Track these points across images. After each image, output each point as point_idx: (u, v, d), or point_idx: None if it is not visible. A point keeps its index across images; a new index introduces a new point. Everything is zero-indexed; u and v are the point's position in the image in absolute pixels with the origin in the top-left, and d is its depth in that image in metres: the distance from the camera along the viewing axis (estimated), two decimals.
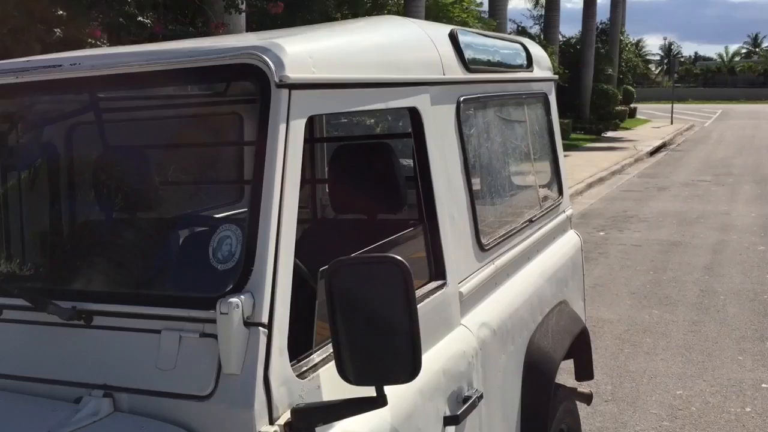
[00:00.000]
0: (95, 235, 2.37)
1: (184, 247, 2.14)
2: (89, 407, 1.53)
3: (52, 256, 2.52)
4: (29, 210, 2.68)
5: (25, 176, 2.79)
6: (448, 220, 2.30)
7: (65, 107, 2.73)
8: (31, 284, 1.85)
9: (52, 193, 2.70)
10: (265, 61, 1.65)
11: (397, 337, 1.45)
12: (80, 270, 2.04)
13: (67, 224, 2.82)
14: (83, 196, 2.90)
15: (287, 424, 1.49)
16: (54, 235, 2.56)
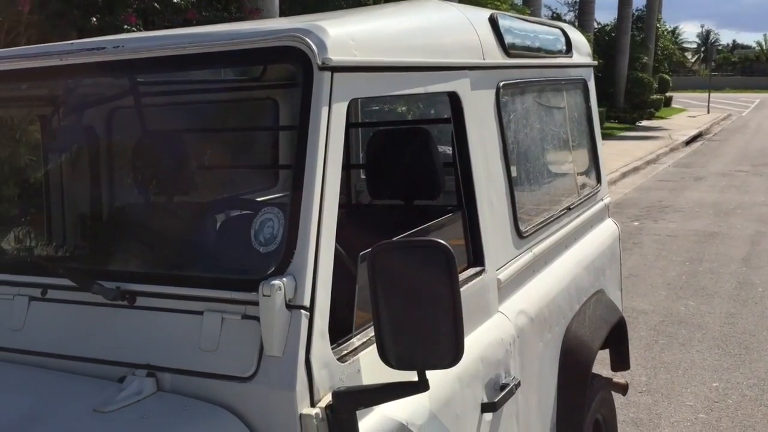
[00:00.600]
0: (136, 217, 2.39)
1: (226, 230, 2.15)
2: (133, 386, 1.55)
3: (93, 238, 2.55)
4: (70, 192, 2.71)
5: (66, 159, 2.83)
6: (487, 207, 2.28)
7: (106, 91, 2.75)
8: (75, 265, 1.87)
9: (92, 175, 2.73)
10: (308, 43, 1.64)
11: (440, 322, 1.43)
12: (122, 251, 2.06)
13: (106, 207, 2.85)
14: (122, 180, 2.93)
15: (328, 407, 1.49)
16: (95, 218, 2.59)
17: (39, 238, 2.67)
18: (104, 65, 1.94)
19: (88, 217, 2.65)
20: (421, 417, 1.77)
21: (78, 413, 1.48)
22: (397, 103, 5.99)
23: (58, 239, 2.60)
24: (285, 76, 3.81)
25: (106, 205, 2.81)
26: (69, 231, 2.66)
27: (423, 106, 6.06)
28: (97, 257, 2.16)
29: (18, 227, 3.04)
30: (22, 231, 2.92)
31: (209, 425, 1.46)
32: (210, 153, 3.61)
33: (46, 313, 1.75)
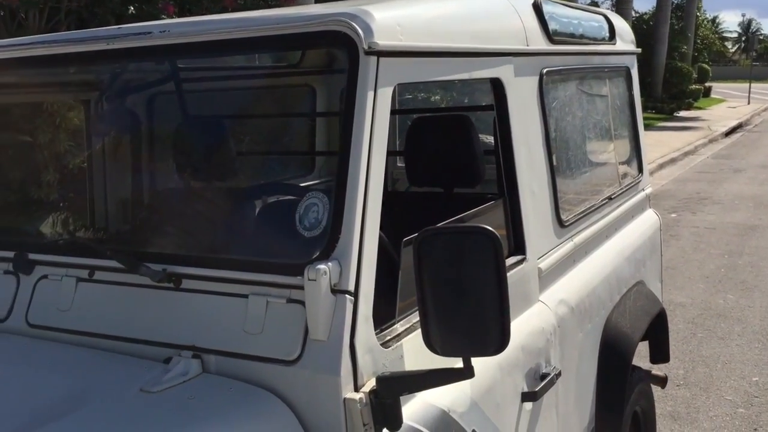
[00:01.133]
0: (179, 201, 2.41)
1: (268, 215, 2.16)
2: (179, 367, 1.57)
3: (138, 221, 2.59)
4: (112, 176, 2.75)
5: (109, 143, 2.87)
6: (529, 195, 2.26)
7: (149, 76, 2.78)
8: (121, 247, 1.89)
9: (134, 160, 2.76)
10: (354, 27, 1.63)
11: (487, 308, 1.42)
12: (166, 235, 2.08)
13: (149, 191, 2.89)
14: (163, 164, 2.96)
15: (372, 392, 1.49)
16: (137, 201, 2.63)
17: (82, 222, 2.72)
18: (150, 50, 1.95)
19: (130, 201, 2.69)
20: (463, 404, 1.76)
21: (125, 392, 1.50)
22: (431, 92, 5.96)
23: (101, 222, 2.64)
24: (323, 62, 3.82)
25: (148, 189, 2.84)
26: (111, 214, 2.70)
27: (457, 94, 6.01)
28: (142, 240, 2.19)
29: (58, 212, 3.10)
30: (63, 215, 2.97)
31: (254, 407, 1.47)
32: (248, 139, 3.63)
33: (93, 294, 1.77)
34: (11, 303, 1.84)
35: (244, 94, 3.33)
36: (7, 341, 1.77)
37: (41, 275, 1.83)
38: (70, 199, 2.97)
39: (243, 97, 3.33)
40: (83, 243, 1.84)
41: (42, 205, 3.88)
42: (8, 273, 1.87)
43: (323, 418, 1.49)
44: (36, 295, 1.82)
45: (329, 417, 1.48)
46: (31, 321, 1.81)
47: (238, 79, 3.22)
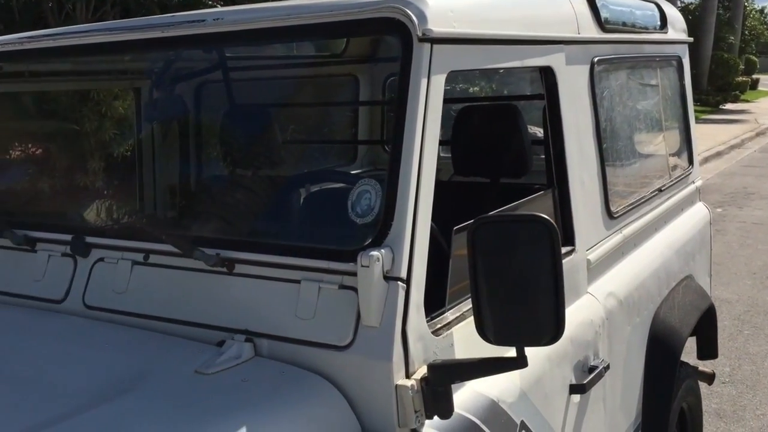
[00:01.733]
0: (231, 188, 2.44)
1: (321, 201, 2.17)
2: (232, 350, 1.59)
3: (190, 206, 2.62)
4: (161, 162, 2.79)
5: (159, 130, 2.91)
6: (579, 186, 2.23)
7: (199, 64, 2.81)
8: (175, 232, 1.93)
9: (184, 146, 2.80)
10: (408, 14, 1.62)
11: (542, 298, 1.41)
12: (219, 220, 2.11)
13: (199, 177, 2.93)
14: (211, 151, 3.00)
15: (423, 379, 1.49)
16: (189, 187, 2.66)
17: (134, 207, 2.77)
18: (203, 37, 1.97)
19: (181, 187, 2.73)
20: (512, 395, 1.76)
21: (181, 373, 1.52)
22: (470, 83, 5.91)
23: (154, 208, 2.68)
24: (367, 51, 3.82)
25: (200, 175, 2.88)
26: (162, 200, 2.75)
27: (496, 86, 5.94)
28: (195, 225, 2.22)
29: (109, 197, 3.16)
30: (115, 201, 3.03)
31: (306, 391, 1.49)
32: (291, 128, 3.66)
33: (147, 277, 1.80)
34: (69, 285, 1.89)
35: (289, 83, 3.35)
36: (66, 322, 1.81)
37: (98, 258, 1.87)
38: (119, 186, 3.03)
39: (288, 87, 3.35)
40: (139, 227, 1.87)
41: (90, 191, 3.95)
42: (66, 255, 1.92)
43: (374, 404, 1.49)
44: (93, 277, 1.86)
45: (380, 403, 1.48)
46: (88, 302, 1.85)
47: (283, 68, 3.24)
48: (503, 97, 4.07)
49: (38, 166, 7.39)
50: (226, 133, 2.77)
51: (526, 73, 4.28)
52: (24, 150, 8.23)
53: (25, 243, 1.97)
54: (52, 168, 7.10)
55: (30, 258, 1.98)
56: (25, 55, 2.30)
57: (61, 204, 2.67)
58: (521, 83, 4.51)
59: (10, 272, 2.00)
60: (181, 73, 2.75)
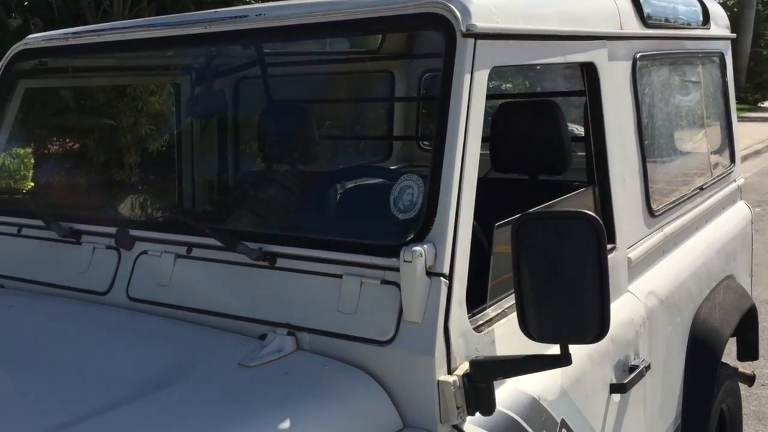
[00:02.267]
0: (272, 183, 2.46)
1: (362, 196, 2.17)
2: (274, 344, 1.60)
3: (232, 201, 2.65)
4: (201, 157, 2.83)
5: (198, 125, 2.94)
6: (620, 183, 2.21)
7: (238, 60, 2.83)
8: (218, 226, 1.94)
9: (223, 142, 2.83)
10: (451, 9, 1.62)
11: (587, 295, 1.40)
12: (260, 214, 2.13)
13: (236, 171, 2.96)
14: (250, 146, 3.03)
15: (465, 375, 1.49)
16: (230, 182, 2.69)
17: (176, 201, 2.80)
18: (246, 33, 1.99)
19: (221, 181, 2.75)
20: (553, 393, 1.74)
21: (225, 366, 1.54)
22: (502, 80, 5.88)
23: (190, 202, 2.71)
24: (403, 47, 3.82)
25: (237, 169, 2.91)
26: (201, 194, 2.78)
27: (529, 83, 5.89)
28: (236, 219, 2.24)
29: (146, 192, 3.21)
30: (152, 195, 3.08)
31: (349, 386, 1.49)
32: (328, 124, 3.67)
33: (190, 270, 1.82)
34: (113, 277, 1.92)
35: (326, 79, 3.36)
36: (110, 313, 1.84)
37: (141, 251, 1.90)
38: (160, 180, 3.07)
39: (325, 83, 3.36)
40: (182, 221, 1.89)
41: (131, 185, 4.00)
42: (110, 248, 1.95)
43: (416, 400, 1.49)
44: (136, 270, 1.89)
45: (422, 398, 1.48)
46: (131, 295, 1.87)
47: (320, 64, 3.26)
48: (543, 93, 4.03)
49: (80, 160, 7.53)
50: (264, 129, 2.79)
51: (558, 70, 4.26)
52: (66, 144, 8.38)
53: (70, 235, 2.01)
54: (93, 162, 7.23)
55: (75, 250, 2.01)
56: (69, 51, 2.34)
57: (104, 197, 2.71)
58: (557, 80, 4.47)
59: (55, 264, 2.04)
60: (222, 69, 2.78)
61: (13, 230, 2.16)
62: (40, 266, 2.06)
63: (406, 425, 1.50)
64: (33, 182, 5.48)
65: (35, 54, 2.37)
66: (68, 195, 2.93)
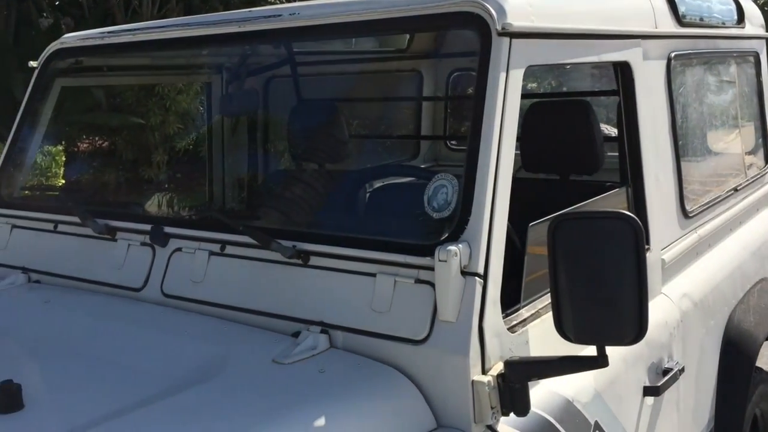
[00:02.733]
0: (305, 181, 2.47)
1: (395, 195, 2.17)
2: (308, 341, 1.60)
3: (264, 199, 2.66)
4: (235, 155, 2.85)
5: (229, 124, 2.97)
6: (654, 183, 2.19)
7: (269, 59, 2.85)
8: (251, 224, 1.96)
9: (255, 140, 2.85)
10: (487, 9, 1.62)
11: (625, 297, 1.39)
12: (293, 212, 2.14)
13: (269, 169, 2.97)
14: (282, 144, 3.04)
15: (500, 376, 1.48)
16: (263, 180, 2.70)
17: (206, 199, 2.82)
18: (280, 32, 2.00)
19: (254, 179, 2.77)
20: (586, 395, 1.73)
21: (259, 362, 1.55)
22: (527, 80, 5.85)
23: (223, 200, 2.73)
24: (431, 46, 3.82)
25: (270, 167, 2.93)
26: (233, 192, 2.80)
27: (555, 83, 5.86)
28: (269, 217, 2.25)
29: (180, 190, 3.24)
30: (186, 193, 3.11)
31: (383, 384, 1.49)
32: (356, 122, 3.68)
33: (224, 267, 1.84)
34: (147, 273, 1.94)
35: (355, 78, 3.37)
36: (145, 309, 1.86)
37: (175, 248, 1.92)
38: (193, 178, 3.10)
39: (353, 82, 3.37)
40: (216, 218, 1.90)
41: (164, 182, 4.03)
42: (145, 245, 1.97)
43: (450, 399, 1.49)
44: (170, 266, 1.91)
45: (456, 398, 1.48)
46: (166, 291, 1.89)
47: (348, 63, 3.26)
48: (574, 93, 4.01)
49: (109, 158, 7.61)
50: (294, 128, 2.80)
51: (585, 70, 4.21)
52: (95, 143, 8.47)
53: (106, 232, 2.03)
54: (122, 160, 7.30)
55: (110, 247, 2.04)
56: (105, 50, 2.37)
57: (137, 194, 2.75)
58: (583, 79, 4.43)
59: (91, 260, 2.07)
60: (254, 68, 2.79)
61: (50, 226, 2.19)
62: (76, 262, 2.09)
63: (440, 425, 1.50)
64: (64, 179, 5.57)
65: (71, 53, 2.40)
66: (101, 192, 2.97)
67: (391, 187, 2.30)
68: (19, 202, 2.36)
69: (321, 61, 3.30)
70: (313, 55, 3.22)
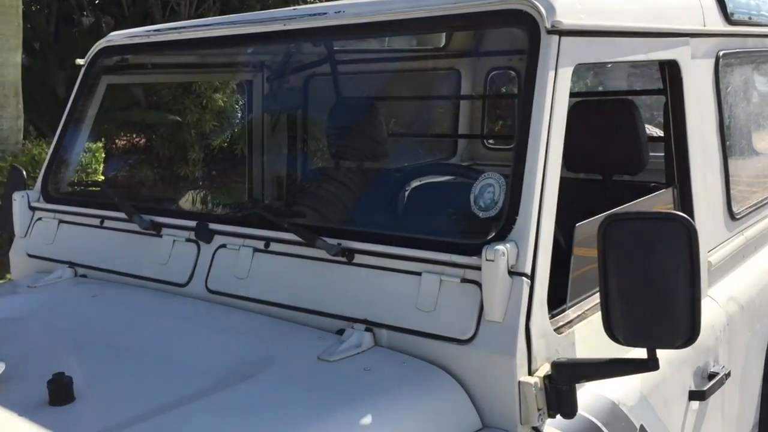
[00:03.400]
0: (348, 180, 2.47)
1: (440, 194, 2.17)
2: (352, 339, 1.61)
3: (308, 197, 2.67)
4: (277, 152, 2.86)
5: (275, 121, 2.99)
6: (701, 184, 2.15)
7: (311, 57, 2.86)
8: (295, 221, 1.96)
9: (297, 137, 2.86)
10: (536, 6, 1.60)
11: (677, 299, 1.36)
12: (338, 211, 2.14)
13: (302, 167, 2.99)
14: (318, 142, 3.05)
15: (547, 377, 1.47)
16: (306, 178, 2.71)
17: (250, 196, 2.84)
18: (325, 30, 2.00)
19: (291, 177, 2.78)
20: (632, 398, 1.71)
21: (304, 359, 1.55)
22: None
23: (268, 198, 2.75)
24: (469, 44, 3.80)
25: (303, 166, 2.94)
26: (276, 190, 2.82)
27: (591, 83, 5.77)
28: (313, 215, 2.26)
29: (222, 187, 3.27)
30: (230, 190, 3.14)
31: (428, 383, 1.49)
32: (393, 121, 3.68)
33: (268, 264, 1.85)
34: (192, 269, 1.96)
35: (394, 77, 3.37)
36: (190, 305, 1.88)
37: (220, 244, 1.93)
38: (238, 175, 3.13)
39: (392, 80, 3.37)
40: (261, 216, 1.91)
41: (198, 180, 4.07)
42: (189, 241, 1.99)
43: (496, 400, 1.48)
44: (215, 263, 1.92)
45: (503, 399, 1.47)
46: (210, 287, 1.91)
47: (387, 61, 3.26)
48: (619, 92, 3.95)
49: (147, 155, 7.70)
50: (334, 126, 2.81)
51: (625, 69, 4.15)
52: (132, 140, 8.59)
53: (151, 228, 2.06)
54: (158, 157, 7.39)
55: (155, 242, 2.06)
56: (151, 48, 2.40)
57: (180, 191, 2.78)
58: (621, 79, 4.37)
59: (136, 255, 2.10)
60: (295, 66, 2.81)
61: (96, 222, 2.22)
62: (122, 257, 2.12)
63: (485, 425, 1.49)
64: (103, 176, 5.65)
65: (118, 51, 2.44)
66: (143, 189, 3.01)
67: (432, 185, 2.30)
68: (65, 197, 2.40)
69: (360, 59, 3.30)
70: (351, 54, 3.23)
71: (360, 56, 3.29)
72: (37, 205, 2.38)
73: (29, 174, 2.50)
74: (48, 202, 2.38)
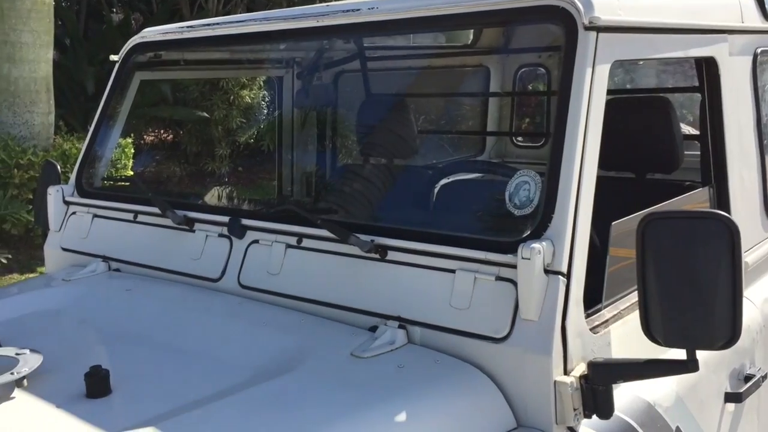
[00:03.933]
0: (382, 175, 2.47)
1: (474, 191, 2.16)
2: (385, 336, 1.60)
3: (340, 193, 2.68)
4: (308, 149, 2.87)
5: (300, 118, 2.99)
6: (738, 183, 2.12)
7: (341, 53, 2.86)
8: (328, 217, 1.96)
9: (327, 134, 2.86)
10: (573, 2, 1.59)
11: (718, 300, 1.34)
12: (371, 207, 2.14)
13: (333, 164, 2.99)
14: (348, 139, 3.05)
15: (583, 377, 1.45)
16: (338, 174, 2.72)
17: (284, 192, 2.85)
18: (358, 27, 2.00)
19: (321, 173, 2.79)
20: (668, 399, 1.69)
21: (337, 356, 1.55)
22: None
23: (299, 194, 2.76)
24: (500, 42, 3.77)
25: (333, 162, 2.94)
26: (299, 186, 2.82)
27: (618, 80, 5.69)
28: (346, 211, 2.26)
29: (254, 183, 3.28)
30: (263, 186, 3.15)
31: (463, 382, 1.48)
32: (422, 118, 3.67)
33: (300, 260, 1.85)
34: (225, 264, 1.97)
35: (422, 73, 3.36)
36: (223, 300, 1.89)
37: (252, 240, 1.94)
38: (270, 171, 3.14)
39: (421, 77, 3.36)
40: (294, 212, 1.92)
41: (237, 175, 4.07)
42: (222, 236, 2.00)
43: (531, 399, 1.47)
44: (247, 258, 1.93)
45: (538, 399, 1.46)
46: (243, 282, 1.92)
47: (417, 58, 3.25)
48: (654, 89, 3.91)
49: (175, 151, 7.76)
50: (364, 122, 2.81)
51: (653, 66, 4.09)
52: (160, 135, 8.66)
53: (184, 223, 2.07)
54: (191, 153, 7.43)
55: (189, 237, 2.07)
56: (185, 44, 2.41)
57: (211, 186, 2.79)
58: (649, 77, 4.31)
59: (169, 250, 2.11)
60: (326, 62, 2.81)
61: (129, 217, 2.25)
62: (155, 252, 2.14)
63: (520, 425, 1.48)
64: (132, 171, 5.72)
65: (151, 47, 2.46)
66: (173, 184, 3.04)
67: (463, 183, 2.28)
68: (99, 192, 2.42)
69: (390, 55, 3.29)
70: (381, 50, 3.22)
71: (390, 53, 3.29)
72: (71, 200, 2.41)
73: (60, 169, 2.53)
74: (82, 197, 2.41)
